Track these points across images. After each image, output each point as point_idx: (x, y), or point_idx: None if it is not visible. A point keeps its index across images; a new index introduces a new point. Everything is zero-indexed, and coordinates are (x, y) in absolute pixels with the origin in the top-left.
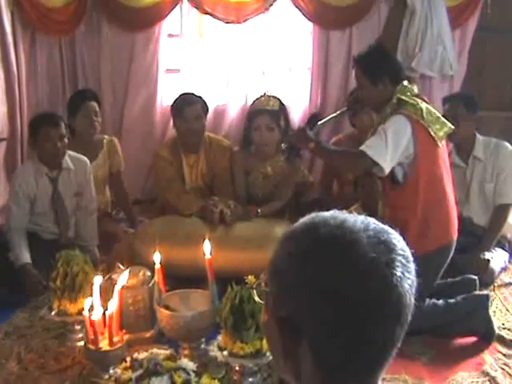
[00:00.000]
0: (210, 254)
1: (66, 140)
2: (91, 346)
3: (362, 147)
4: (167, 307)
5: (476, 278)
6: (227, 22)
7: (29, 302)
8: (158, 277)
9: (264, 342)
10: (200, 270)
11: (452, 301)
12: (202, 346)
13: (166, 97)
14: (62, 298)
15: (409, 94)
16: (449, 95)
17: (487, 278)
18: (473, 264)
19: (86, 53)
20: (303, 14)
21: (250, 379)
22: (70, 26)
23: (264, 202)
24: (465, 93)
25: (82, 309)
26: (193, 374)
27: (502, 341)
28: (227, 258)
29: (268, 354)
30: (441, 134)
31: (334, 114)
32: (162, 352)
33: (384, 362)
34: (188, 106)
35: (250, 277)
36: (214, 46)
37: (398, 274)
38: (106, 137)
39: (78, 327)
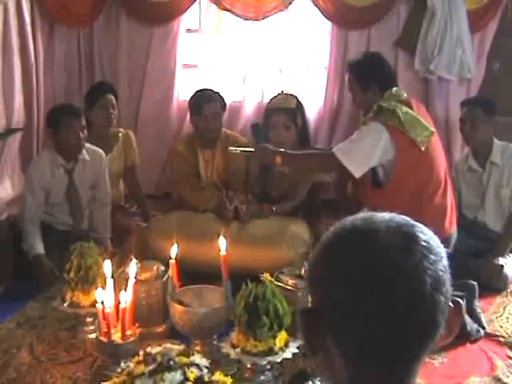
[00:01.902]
0: (226, 250)
1: (85, 132)
2: (104, 339)
3: (335, 149)
4: (181, 303)
5: (475, 283)
6: (246, 19)
7: (41, 293)
8: (172, 272)
9: (277, 340)
10: (213, 266)
11: None
12: (214, 342)
13: (182, 92)
14: (76, 289)
15: (393, 100)
16: (467, 99)
17: (500, 284)
18: (486, 269)
19: (103, 46)
20: (322, 13)
21: (262, 377)
22: (89, 19)
23: (279, 200)
24: (483, 97)
25: (95, 301)
26: (205, 370)
27: None
28: (241, 255)
29: (280, 352)
30: (420, 138)
31: (248, 150)
32: (175, 347)
33: (411, 359)
34: (206, 103)
35: (265, 274)
36: (231, 42)
37: (414, 261)
38: (121, 130)
39: (89, 319)
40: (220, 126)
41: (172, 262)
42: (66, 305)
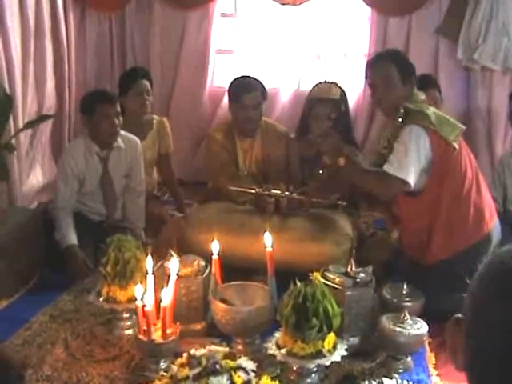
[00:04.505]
0: (272, 246)
1: (120, 118)
2: (143, 338)
3: (386, 169)
4: (223, 301)
5: None
6: (283, 4)
7: (74, 285)
8: (215, 268)
9: (325, 342)
10: (252, 260)
11: None
12: (257, 341)
13: (216, 78)
14: (112, 284)
15: (417, 101)
16: None
17: None
18: None
19: (135, 30)
20: None
21: (308, 380)
22: (121, 2)
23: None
24: None
25: (132, 296)
26: (252, 374)
27: None
28: (283, 250)
29: (329, 354)
30: (452, 136)
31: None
32: (220, 349)
33: None
34: (247, 93)
35: (315, 274)
36: (268, 27)
37: None
38: (155, 117)
39: (126, 315)
40: (260, 116)
41: (215, 258)
42: (101, 299)
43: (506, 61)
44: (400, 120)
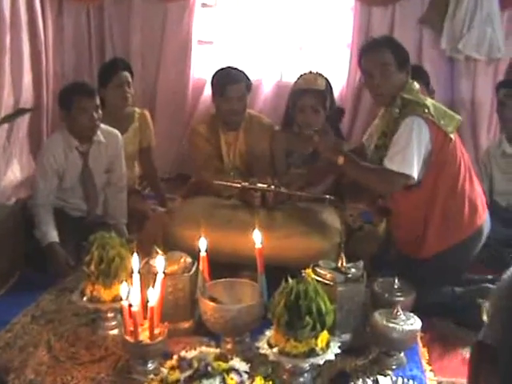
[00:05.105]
0: (261, 243)
1: (100, 111)
2: (130, 339)
3: (387, 165)
4: (213, 299)
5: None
6: None
7: (55, 284)
8: (202, 265)
9: (319, 340)
10: (240, 256)
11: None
12: (247, 339)
13: (198, 69)
14: (96, 283)
15: (412, 90)
16: (504, 80)
17: None
18: None
19: (114, 22)
20: None
21: (301, 379)
22: None
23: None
24: None
25: (117, 295)
26: (245, 376)
27: None
28: (270, 245)
29: (322, 353)
30: (450, 128)
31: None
32: (211, 351)
33: None
34: (231, 84)
35: (307, 271)
36: (249, 18)
37: None
38: (137, 110)
39: (110, 315)
40: (244, 108)
41: (203, 255)
42: (85, 299)
43: (491, 51)
44: (397, 111)
